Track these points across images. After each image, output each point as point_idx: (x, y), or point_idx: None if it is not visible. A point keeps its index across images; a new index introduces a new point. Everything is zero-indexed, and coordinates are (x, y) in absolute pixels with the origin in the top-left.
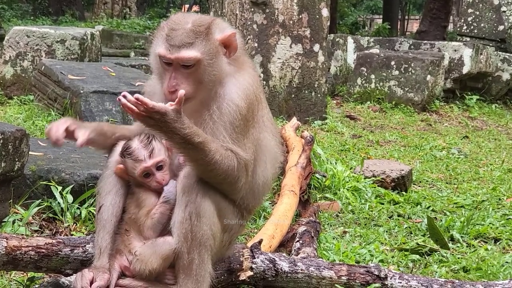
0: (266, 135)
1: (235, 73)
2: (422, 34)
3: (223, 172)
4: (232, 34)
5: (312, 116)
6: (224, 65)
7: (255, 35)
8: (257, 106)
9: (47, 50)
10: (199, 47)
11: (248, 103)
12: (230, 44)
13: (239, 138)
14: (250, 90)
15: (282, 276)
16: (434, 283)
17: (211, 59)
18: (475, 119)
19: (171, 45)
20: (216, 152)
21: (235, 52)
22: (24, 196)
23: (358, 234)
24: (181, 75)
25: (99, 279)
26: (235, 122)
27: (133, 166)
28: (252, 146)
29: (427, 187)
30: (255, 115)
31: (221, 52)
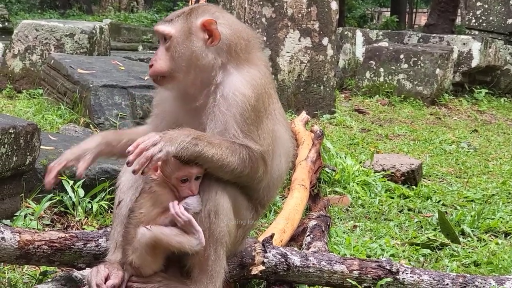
0: (279, 127)
1: (237, 70)
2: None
3: (235, 168)
4: (208, 20)
5: (321, 110)
6: (204, 52)
7: (264, 29)
8: (268, 99)
9: (56, 44)
10: (175, 25)
11: (256, 93)
12: (211, 32)
13: (251, 130)
14: (257, 82)
15: (294, 271)
16: (445, 277)
17: (182, 39)
18: (484, 113)
19: (162, 20)
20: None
21: (217, 41)
22: (35, 190)
23: (369, 228)
24: (162, 50)
25: (114, 277)
26: (244, 113)
27: (177, 167)
28: (268, 137)
29: (437, 181)
30: (266, 107)
31: (199, 36)
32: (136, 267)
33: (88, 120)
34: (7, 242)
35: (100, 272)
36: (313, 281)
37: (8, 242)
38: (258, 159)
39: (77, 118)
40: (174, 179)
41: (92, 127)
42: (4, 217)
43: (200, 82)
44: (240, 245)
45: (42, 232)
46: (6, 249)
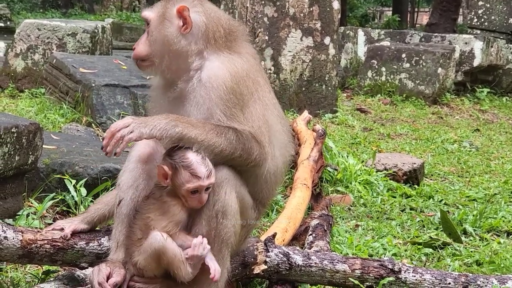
0: (272, 117)
1: (216, 55)
2: (432, 26)
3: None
4: (181, 7)
5: (323, 109)
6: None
7: (266, 28)
8: (254, 85)
9: (58, 43)
10: (155, 10)
11: (235, 76)
12: (184, 19)
13: (234, 112)
14: (237, 66)
15: (296, 270)
16: (448, 276)
17: (157, 24)
18: (486, 112)
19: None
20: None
21: (189, 28)
22: (37, 189)
23: (371, 228)
24: (144, 34)
25: (116, 275)
26: (223, 96)
27: (187, 179)
28: (257, 119)
29: (439, 180)
30: (252, 92)
31: (173, 22)
32: (140, 268)
33: (90, 119)
34: (10, 241)
35: (102, 271)
36: (315, 280)
37: (11, 241)
38: (248, 139)
39: (79, 117)
40: (184, 190)
41: (94, 126)
42: (7, 216)
43: (176, 68)
44: (242, 244)
45: (45, 231)
46: (9, 248)
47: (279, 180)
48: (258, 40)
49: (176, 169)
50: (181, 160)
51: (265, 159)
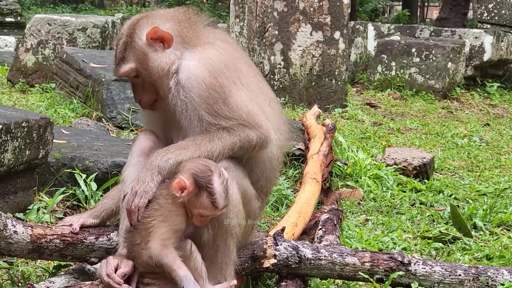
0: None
1: (190, 52)
2: (443, 21)
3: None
4: (152, 30)
5: (333, 104)
6: (164, 57)
7: (276, 23)
8: (234, 74)
9: (69, 38)
10: (130, 58)
11: (212, 71)
12: (162, 37)
13: (217, 109)
14: (213, 59)
15: (306, 263)
16: (458, 268)
17: (144, 63)
18: (496, 107)
19: (114, 64)
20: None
21: (171, 42)
22: (48, 184)
23: (380, 222)
24: (137, 86)
25: (124, 266)
26: (203, 94)
27: (206, 205)
28: (244, 105)
29: (449, 175)
30: (233, 81)
31: (156, 49)
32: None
33: (100, 114)
34: (19, 236)
35: (110, 263)
36: (325, 273)
37: (21, 236)
38: (240, 129)
39: (90, 112)
40: (197, 212)
41: (104, 121)
42: (17, 210)
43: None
44: (250, 235)
45: (55, 227)
46: (19, 242)
47: (276, 165)
48: (268, 35)
49: (199, 190)
50: (207, 184)
51: (267, 138)
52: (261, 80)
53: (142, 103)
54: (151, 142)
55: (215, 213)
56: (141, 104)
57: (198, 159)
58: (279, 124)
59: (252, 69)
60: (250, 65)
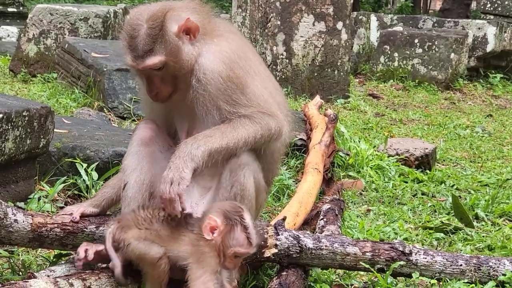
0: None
1: (208, 45)
2: (446, 12)
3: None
4: (187, 20)
5: (335, 95)
6: (191, 50)
7: (278, 13)
8: (246, 63)
9: (70, 28)
10: (161, 50)
11: (228, 63)
12: (190, 29)
13: (236, 99)
14: (226, 51)
15: (307, 253)
16: (459, 258)
17: (176, 56)
18: (499, 98)
19: (135, 56)
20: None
21: (198, 32)
22: (49, 173)
23: (382, 213)
24: (155, 78)
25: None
26: (221, 86)
27: (241, 242)
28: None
29: (451, 165)
30: (246, 71)
31: (184, 41)
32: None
33: (102, 104)
34: (20, 225)
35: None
36: (326, 263)
37: (21, 225)
38: (260, 117)
39: (91, 102)
40: (231, 251)
41: (106, 110)
42: (18, 199)
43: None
44: None
45: (55, 215)
46: (19, 231)
47: (278, 157)
48: (270, 25)
49: (232, 227)
50: (241, 219)
51: (282, 127)
52: (267, 69)
53: (160, 95)
54: (152, 132)
55: (249, 251)
56: (158, 97)
57: (225, 202)
58: (287, 114)
59: (258, 58)
60: (256, 54)
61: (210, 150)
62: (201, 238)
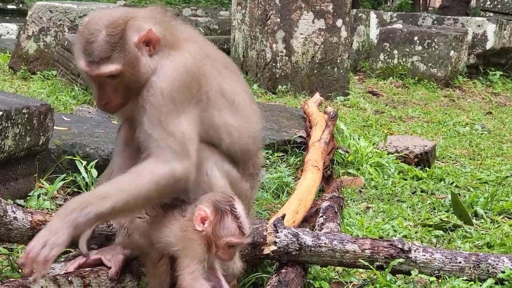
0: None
1: (163, 60)
2: (445, 9)
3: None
4: (149, 31)
5: (335, 92)
6: (149, 63)
7: (278, 10)
8: (198, 82)
9: (70, 25)
10: (118, 59)
11: (175, 81)
12: (151, 41)
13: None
14: (179, 69)
15: (306, 250)
16: (458, 255)
17: (133, 67)
18: (499, 95)
19: (90, 62)
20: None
21: (158, 44)
22: (48, 170)
23: (381, 210)
24: (108, 87)
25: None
26: (161, 103)
27: (233, 232)
28: (191, 127)
29: (451, 163)
30: (192, 95)
31: (143, 53)
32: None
33: None
34: (19, 222)
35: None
36: (325, 261)
37: (21, 222)
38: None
39: (91, 99)
40: (223, 242)
41: None
42: (18, 197)
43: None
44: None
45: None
46: (19, 229)
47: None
48: (270, 23)
49: (222, 217)
50: (231, 208)
51: (190, 173)
52: (233, 77)
53: (110, 106)
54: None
55: (242, 241)
56: (107, 107)
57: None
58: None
59: (222, 65)
60: (218, 64)
61: (100, 215)
62: (191, 225)
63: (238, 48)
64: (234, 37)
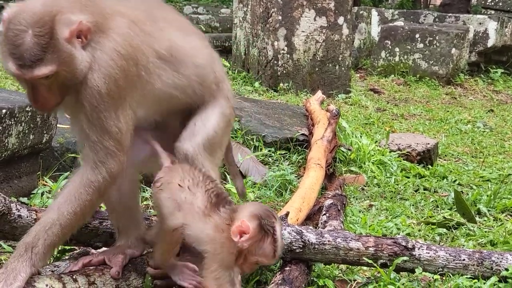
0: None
1: (97, 51)
2: (446, 7)
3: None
4: (80, 24)
5: (336, 90)
6: (84, 56)
7: (279, 8)
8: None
9: None
10: (52, 59)
11: (110, 79)
12: (81, 32)
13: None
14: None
15: (310, 248)
16: (462, 253)
17: (69, 65)
18: (500, 93)
19: (20, 65)
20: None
21: (90, 35)
22: (52, 168)
23: (384, 208)
24: (42, 87)
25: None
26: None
27: (267, 253)
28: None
29: (453, 160)
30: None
31: (75, 46)
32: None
33: None
34: (24, 220)
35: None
36: (329, 258)
37: (25, 220)
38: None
39: None
40: (254, 259)
41: None
42: (22, 195)
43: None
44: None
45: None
46: (23, 227)
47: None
48: (271, 20)
49: (263, 236)
50: (273, 231)
51: (124, 162)
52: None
53: (46, 106)
54: None
55: (271, 263)
56: (44, 107)
57: (258, 205)
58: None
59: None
60: (149, 19)
61: (53, 243)
62: (227, 231)
63: (240, 46)
64: (236, 35)
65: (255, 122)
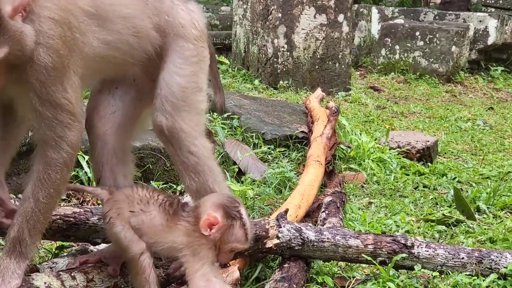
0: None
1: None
2: (446, 4)
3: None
4: (21, 3)
5: (336, 87)
6: (30, 30)
7: (279, 5)
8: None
9: None
10: (3, 41)
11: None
12: (22, 5)
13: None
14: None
15: (309, 245)
16: (461, 251)
17: (19, 42)
18: (500, 90)
19: None
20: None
21: (29, 6)
22: None
23: (384, 205)
24: None
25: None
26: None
27: (239, 238)
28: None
29: (453, 158)
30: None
31: (18, 21)
32: None
33: None
34: None
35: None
36: (328, 256)
37: None
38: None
39: None
40: (229, 247)
41: None
42: (20, 191)
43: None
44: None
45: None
46: None
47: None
48: (271, 18)
49: (232, 223)
50: (240, 215)
51: (81, 130)
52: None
53: None
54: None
55: (246, 247)
56: None
57: (219, 194)
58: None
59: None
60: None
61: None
62: (197, 229)
63: (240, 44)
64: (236, 33)
65: (255, 120)
